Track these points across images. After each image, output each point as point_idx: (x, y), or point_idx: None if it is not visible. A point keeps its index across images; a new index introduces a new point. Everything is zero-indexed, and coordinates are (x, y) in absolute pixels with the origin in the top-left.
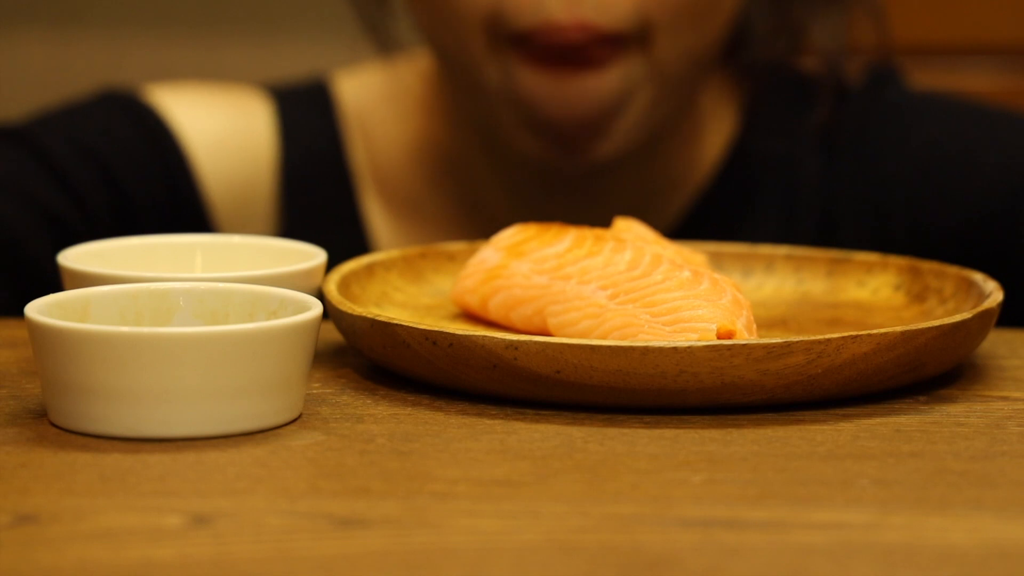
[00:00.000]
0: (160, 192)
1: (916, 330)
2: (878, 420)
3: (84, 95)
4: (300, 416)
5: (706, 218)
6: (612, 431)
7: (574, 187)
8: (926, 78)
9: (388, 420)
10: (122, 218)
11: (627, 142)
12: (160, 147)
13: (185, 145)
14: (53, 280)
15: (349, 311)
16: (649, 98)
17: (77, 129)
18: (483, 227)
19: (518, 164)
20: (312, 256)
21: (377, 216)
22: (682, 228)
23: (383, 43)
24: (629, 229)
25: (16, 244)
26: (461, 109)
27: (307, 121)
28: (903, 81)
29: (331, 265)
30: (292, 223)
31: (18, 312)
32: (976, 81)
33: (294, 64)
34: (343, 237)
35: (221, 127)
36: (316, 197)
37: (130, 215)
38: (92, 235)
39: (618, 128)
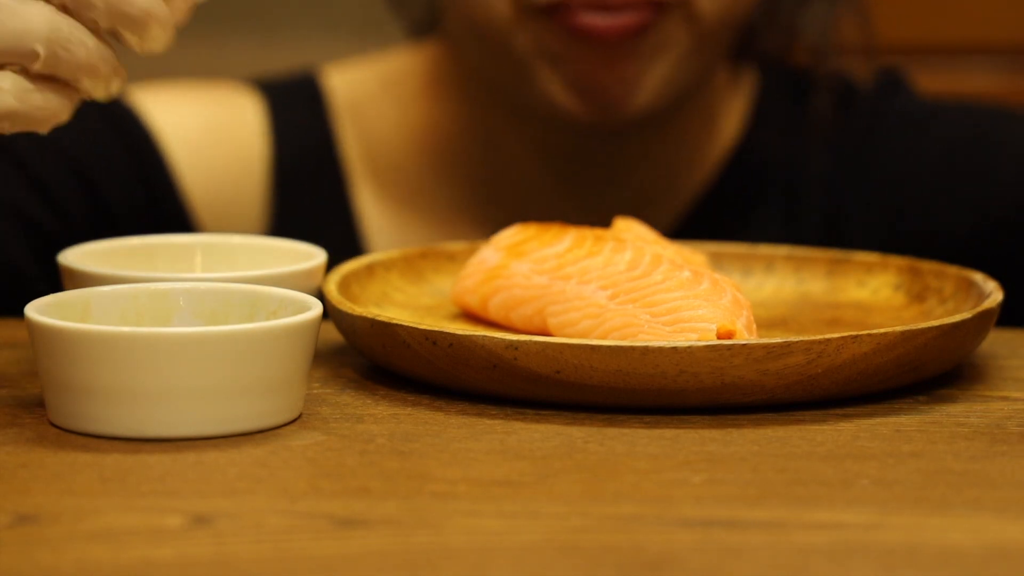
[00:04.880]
0: (138, 194)
1: (916, 330)
2: (878, 420)
3: None
4: (300, 416)
5: (710, 216)
6: (612, 431)
7: (586, 177)
8: (926, 78)
9: (388, 420)
10: (100, 221)
11: (658, 96)
12: (138, 149)
13: (164, 146)
14: (32, 285)
15: (349, 311)
16: (683, 50)
17: (53, 132)
18: (485, 215)
19: (531, 148)
20: (312, 256)
21: (371, 209)
22: (685, 226)
23: (407, 17)
24: (629, 229)
25: None
26: (480, 87)
27: (297, 115)
28: (912, 87)
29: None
30: (283, 219)
31: None
32: (976, 81)
33: (292, 61)
34: (336, 232)
35: (203, 125)
36: (308, 191)
37: (109, 218)
38: (71, 239)
39: (652, 76)
